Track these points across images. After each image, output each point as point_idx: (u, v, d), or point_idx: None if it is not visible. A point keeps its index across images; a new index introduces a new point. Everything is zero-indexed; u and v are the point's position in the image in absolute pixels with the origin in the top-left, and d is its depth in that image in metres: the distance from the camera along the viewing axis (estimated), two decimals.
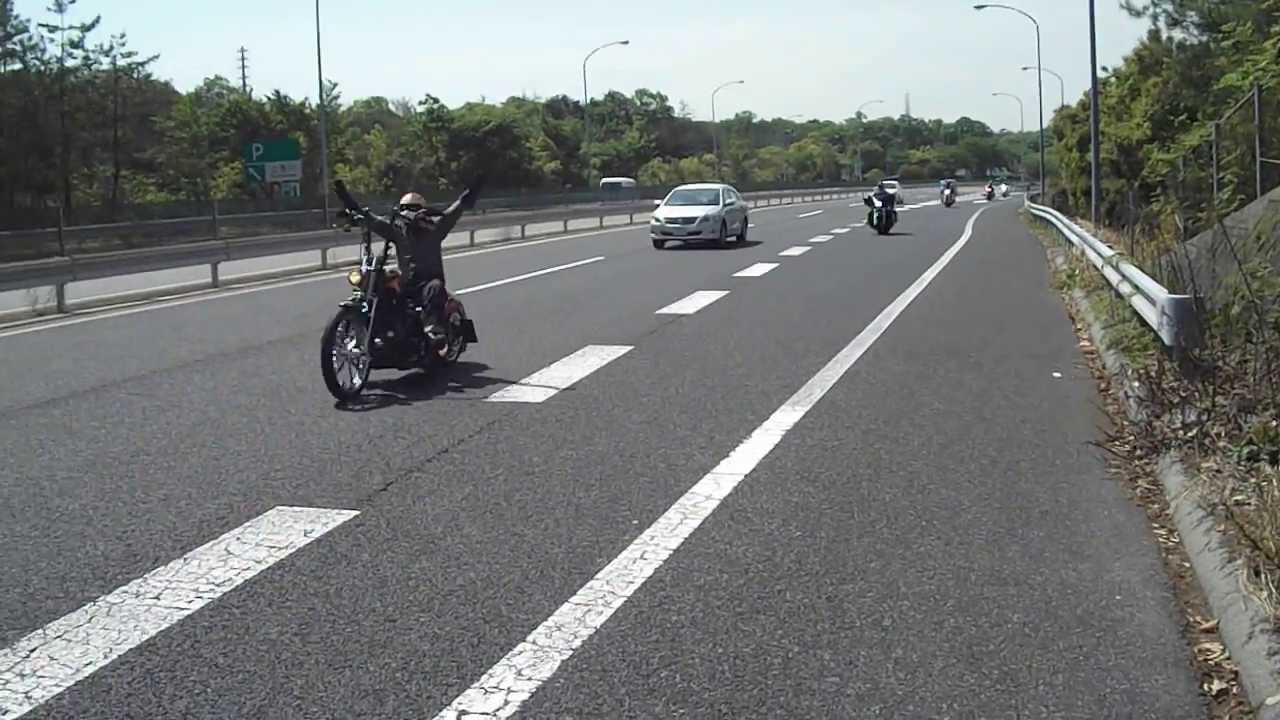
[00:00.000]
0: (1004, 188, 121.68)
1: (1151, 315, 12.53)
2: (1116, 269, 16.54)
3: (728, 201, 41.61)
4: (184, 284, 27.01)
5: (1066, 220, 36.64)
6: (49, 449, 10.63)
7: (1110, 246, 20.90)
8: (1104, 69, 47.68)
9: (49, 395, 13.45)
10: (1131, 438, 9.70)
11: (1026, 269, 28.83)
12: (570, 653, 5.63)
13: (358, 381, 12.50)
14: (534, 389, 12.66)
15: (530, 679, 5.35)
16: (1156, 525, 7.58)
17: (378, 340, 12.82)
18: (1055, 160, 78.36)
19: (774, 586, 6.46)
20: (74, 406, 12.70)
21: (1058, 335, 16.63)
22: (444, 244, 14.87)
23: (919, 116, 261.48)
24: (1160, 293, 12.09)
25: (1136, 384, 10.95)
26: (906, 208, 60.98)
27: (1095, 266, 20.38)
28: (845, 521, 7.63)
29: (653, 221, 40.66)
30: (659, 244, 39.26)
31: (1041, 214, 49.01)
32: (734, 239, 41.00)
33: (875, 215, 46.68)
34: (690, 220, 39.33)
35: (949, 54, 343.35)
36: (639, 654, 5.60)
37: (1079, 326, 17.33)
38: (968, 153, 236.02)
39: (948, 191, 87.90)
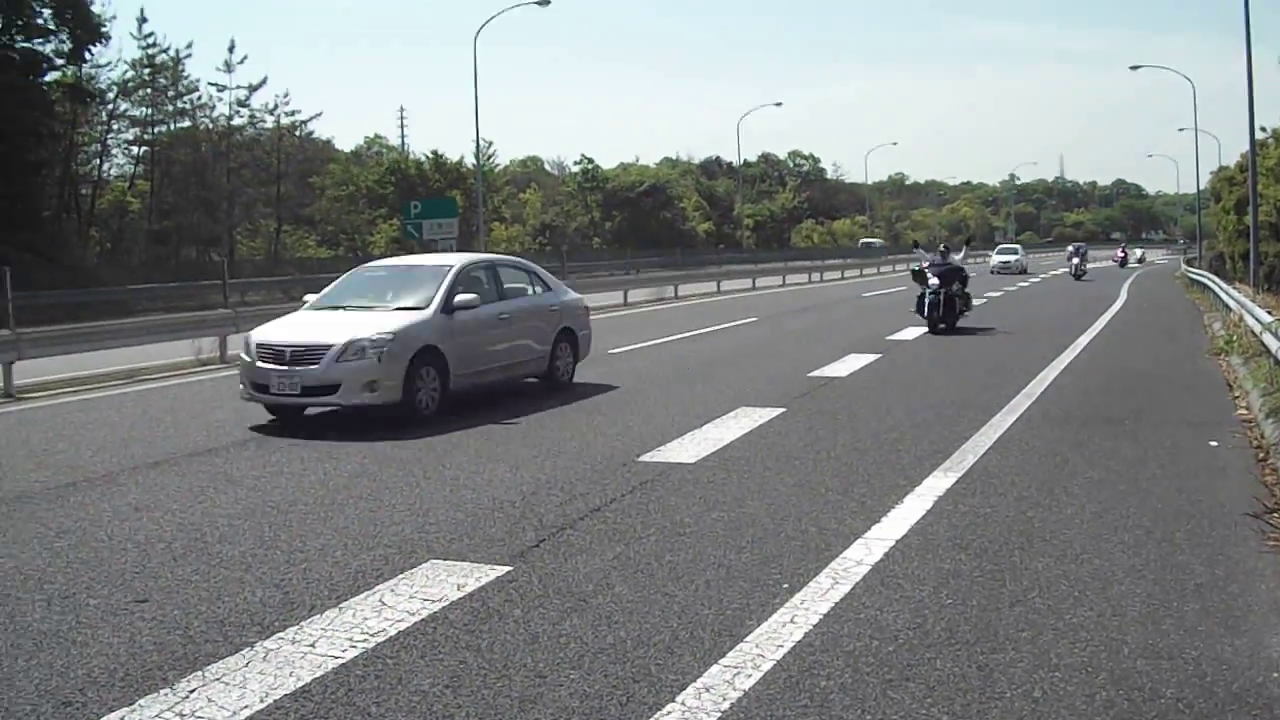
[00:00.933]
0: (1139, 252, 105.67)
1: None
2: (1276, 335, 16.27)
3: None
4: None
5: (1224, 284, 36.04)
6: (210, 496, 10.93)
7: (1269, 312, 20.52)
8: (1262, 129, 46.90)
9: (211, 444, 13.81)
10: None
11: (1183, 334, 28.37)
12: (719, 715, 5.65)
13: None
14: (686, 449, 12.73)
15: None
16: None
17: None
18: (1212, 223, 77.26)
19: (924, 654, 6.44)
20: (234, 455, 13.04)
21: (1214, 403, 16.34)
22: (594, 303, 14.86)
23: (1073, 178, 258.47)
24: None
25: None
26: (1027, 282, 59.34)
27: (1254, 332, 20.01)
28: (997, 590, 7.58)
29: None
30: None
31: (1198, 278, 48.28)
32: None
33: (926, 300, 28.22)
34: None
35: (1103, 115, 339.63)
36: (787, 719, 5.62)
37: (1236, 394, 16.99)
38: (1123, 215, 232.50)
39: (1076, 260, 66.76)
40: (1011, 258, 77.91)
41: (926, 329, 27.61)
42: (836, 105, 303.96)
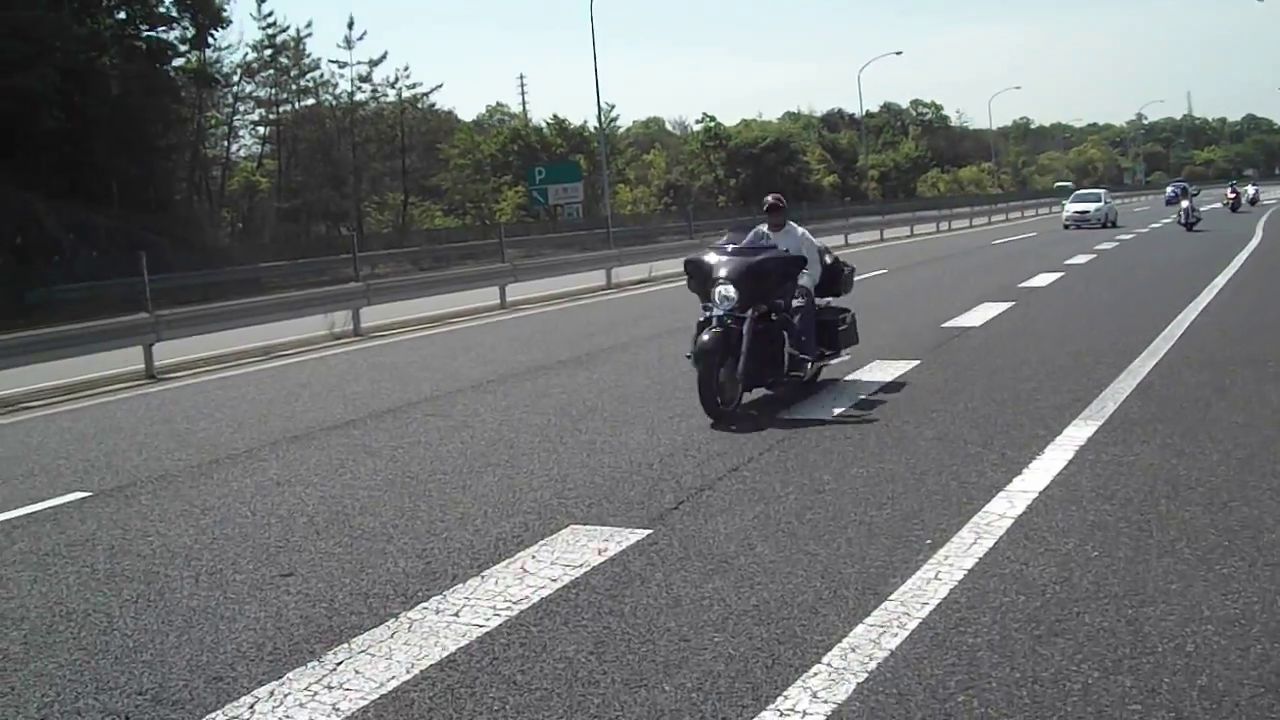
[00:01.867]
0: (1251, 190, 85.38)
1: None
2: None
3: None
4: (473, 306, 27.71)
5: None
6: (350, 468, 11.05)
7: None
8: None
9: (349, 416, 13.96)
10: None
11: None
12: (865, 675, 5.60)
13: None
14: (822, 406, 12.69)
15: (826, 702, 5.34)
16: None
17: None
18: None
19: (1072, 609, 6.34)
20: (372, 427, 13.17)
21: None
22: None
23: (1202, 116, 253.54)
24: None
25: None
26: (1112, 242, 57.48)
27: None
28: (1143, 541, 7.44)
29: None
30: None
31: None
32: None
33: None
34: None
35: (1231, 50, 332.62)
36: (935, 678, 5.55)
37: None
38: (1255, 151, 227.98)
39: (1186, 203, 52.49)
40: (1091, 206, 62.52)
41: (1058, 275, 27.42)
42: (957, 51, 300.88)
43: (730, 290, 12.28)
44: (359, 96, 73.99)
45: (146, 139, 52.25)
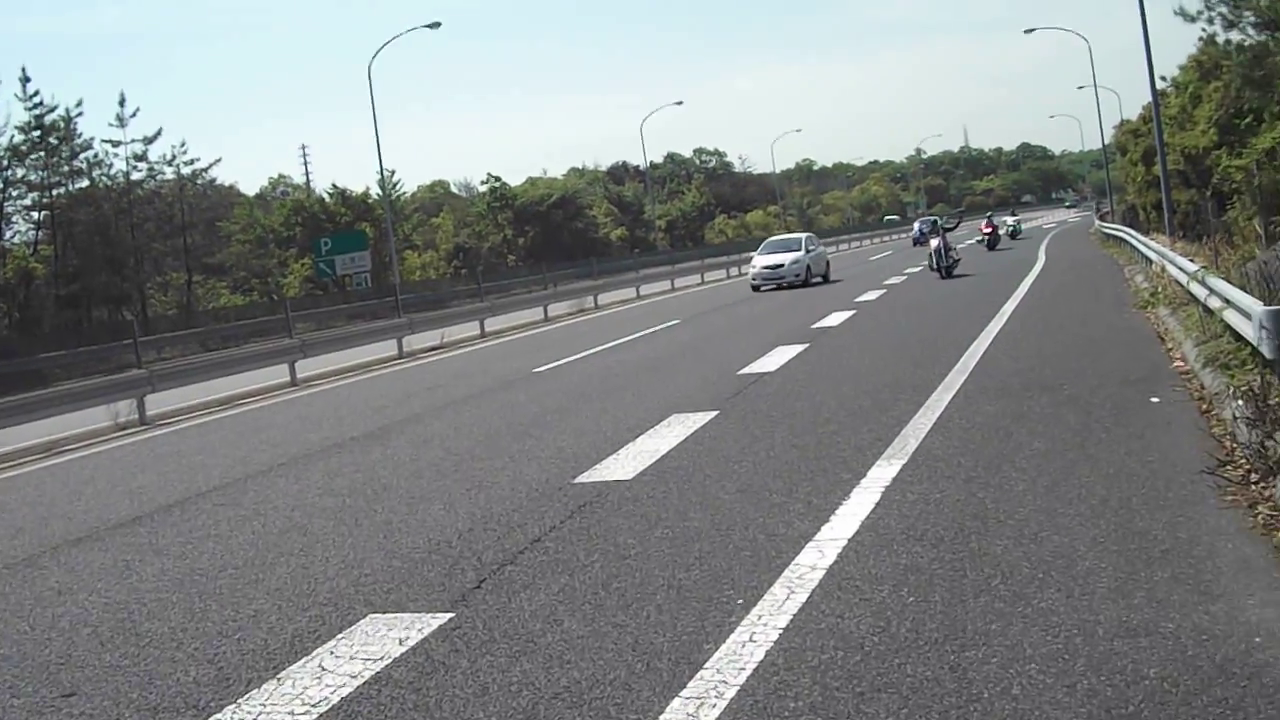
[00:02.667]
0: (1010, 221, 76.87)
1: (1248, 329, 12.14)
2: (1203, 283, 16.17)
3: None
4: (263, 385, 27.10)
5: (1141, 237, 36.13)
6: (136, 569, 10.50)
7: (1191, 259, 20.47)
8: (1162, 78, 47.14)
9: (134, 512, 13.37)
10: (1244, 461, 9.35)
11: (1106, 291, 28.40)
12: None
13: None
14: (622, 465, 12.39)
15: None
16: None
17: None
18: (1120, 176, 77.73)
19: (893, 660, 6.13)
20: (159, 522, 12.61)
21: (1149, 357, 16.29)
22: (513, 323, 14.54)
23: (978, 146, 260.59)
24: (1255, 305, 11.72)
25: (1241, 403, 10.57)
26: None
27: (1178, 282, 19.94)
28: (958, 581, 7.29)
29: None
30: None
31: (1114, 232, 48.43)
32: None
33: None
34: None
35: (1003, 81, 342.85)
36: None
37: (1169, 346, 16.96)
38: (1031, 177, 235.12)
39: (937, 241, 42.18)
40: (787, 258, 46.80)
41: (849, 314, 27.77)
42: (737, 98, 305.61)
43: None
44: (135, 175, 72.55)
45: None
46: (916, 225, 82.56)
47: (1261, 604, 6.42)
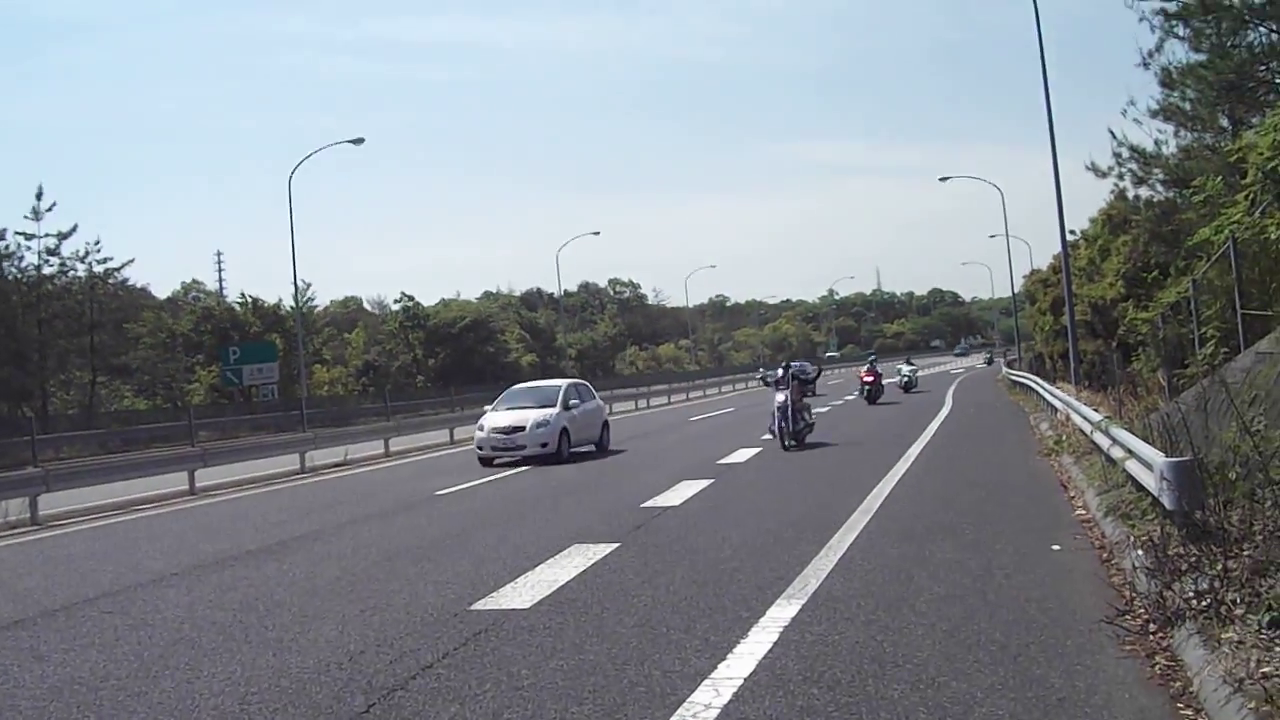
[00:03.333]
0: (905, 369, 67.25)
1: (1149, 480, 12.26)
2: (1106, 433, 16.35)
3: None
4: (161, 492, 26.66)
5: (1047, 385, 36.55)
6: (13, 675, 10.20)
7: (1095, 409, 20.70)
8: (1072, 231, 48.03)
9: (16, 615, 13.05)
10: (1143, 610, 9.45)
11: (1011, 437, 28.65)
12: None
13: None
14: (520, 594, 12.22)
15: None
16: (1182, 706, 7.28)
17: None
18: (1029, 325, 78.81)
19: None
20: (42, 627, 12.30)
21: (1051, 505, 16.45)
22: (418, 444, 14.16)
23: (891, 290, 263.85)
24: (1157, 456, 11.86)
25: (1141, 553, 10.67)
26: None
27: (1083, 431, 20.13)
28: None
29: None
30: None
31: (1021, 380, 48.98)
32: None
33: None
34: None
35: (917, 226, 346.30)
36: None
37: (1072, 494, 17.12)
38: (941, 322, 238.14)
39: (782, 398, 30.16)
40: (532, 416, 30.66)
41: (755, 451, 27.78)
42: (655, 231, 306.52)
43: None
44: (46, 270, 71.84)
45: None
46: (761, 371, 71.40)
47: None
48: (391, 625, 11.09)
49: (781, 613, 10.51)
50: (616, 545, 14.99)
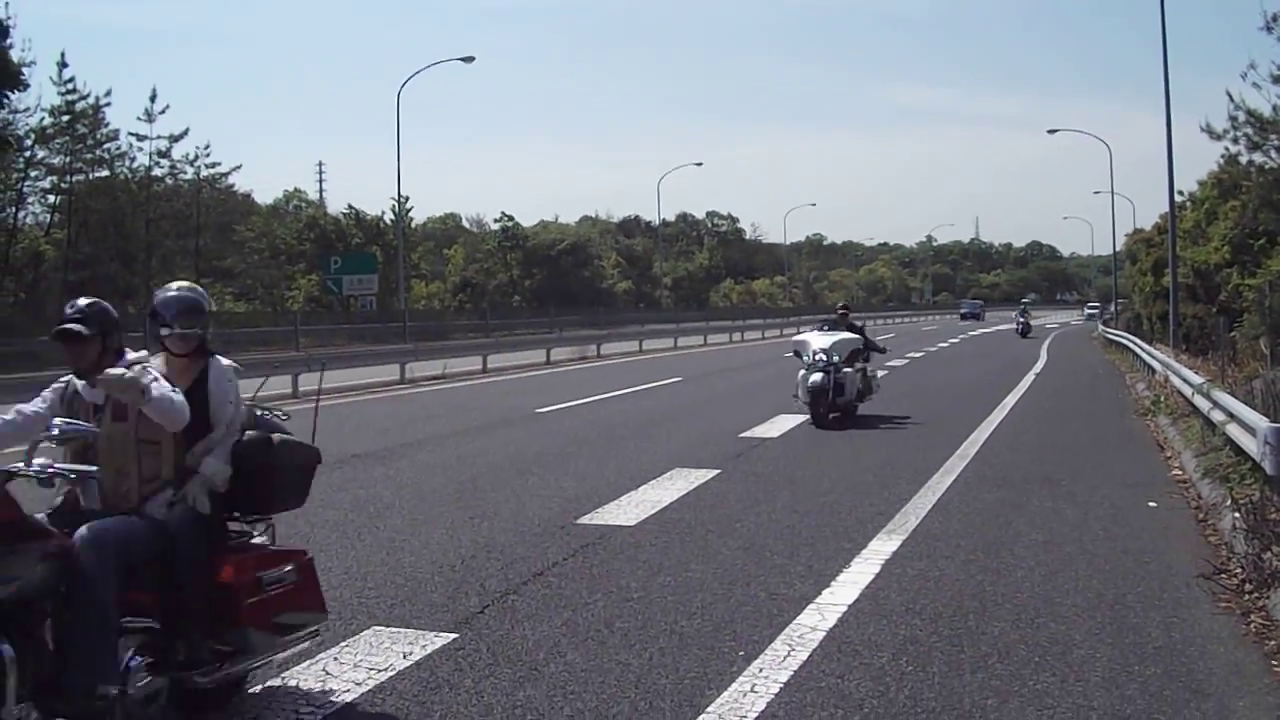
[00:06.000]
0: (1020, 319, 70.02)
1: (1250, 445, 12.28)
2: (1207, 396, 16.31)
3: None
4: (263, 394, 26.97)
5: (1145, 345, 36.27)
6: None
7: (1195, 373, 20.60)
8: (1180, 193, 47.30)
9: None
10: (1239, 570, 9.49)
11: (1107, 395, 28.53)
12: None
13: None
14: (624, 512, 12.53)
15: None
16: (1276, 664, 7.34)
17: None
18: (1127, 285, 77.86)
19: None
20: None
21: (1147, 463, 16.41)
22: (517, 362, 14.07)
23: (988, 240, 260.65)
24: (1261, 421, 11.84)
25: (1239, 515, 10.72)
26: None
27: (1181, 394, 20.08)
28: (956, 656, 7.43)
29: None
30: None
31: (1118, 339, 48.62)
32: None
33: None
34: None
35: (1019, 177, 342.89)
36: None
37: (1168, 454, 17.08)
38: (1037, 276, 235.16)
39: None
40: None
41: (881, 374, 27.84)
42: (755, 166, 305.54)
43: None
44: (156, 172, 72.61)
45: None
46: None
47: (1251, 706, 6.56)
48: (500, 533, 11.40)
49: (883, 546, 10.73)
50: (717, 471, 15.23)
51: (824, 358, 21.75)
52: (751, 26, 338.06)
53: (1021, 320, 64.43)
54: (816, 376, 21.46)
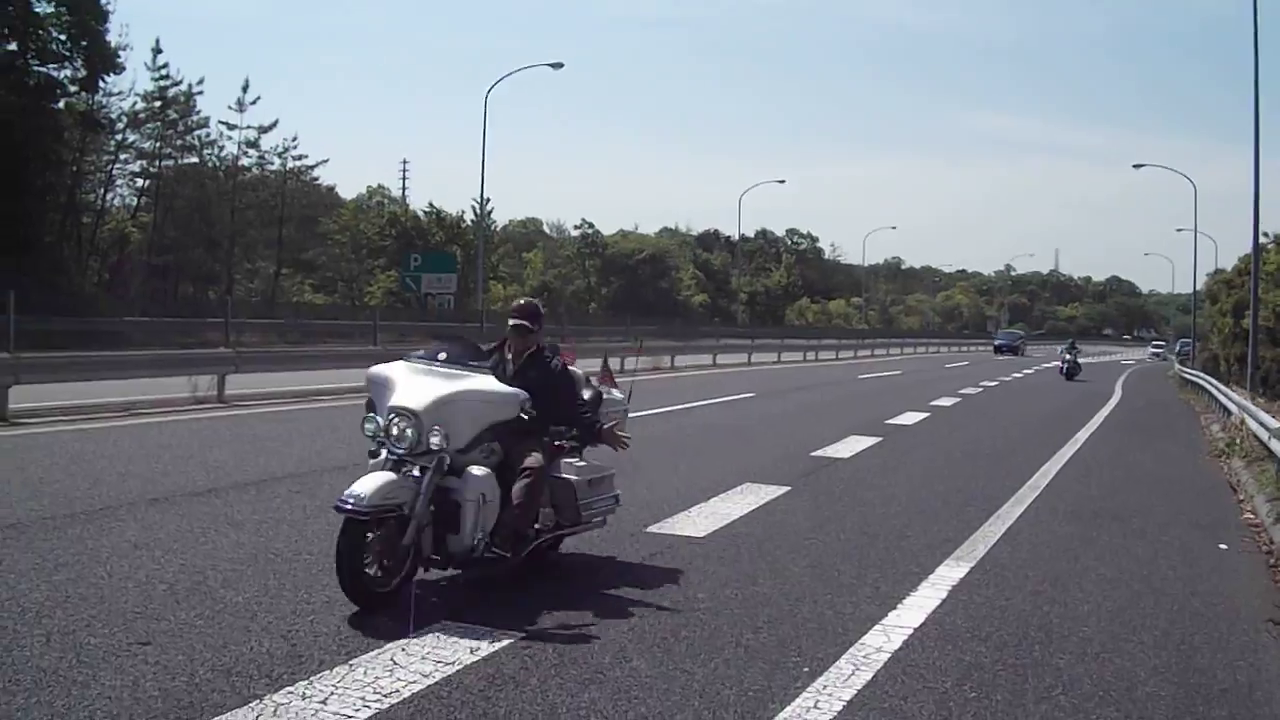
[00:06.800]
0: (1067, 356, 57.10)
1: None
2: None
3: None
4: (340, 386, 27.31)
5: (1222, 387, 36.00)
6: (211, 538, 10.77)
7: (1273, 416, 20.44)
8: (1264, 234, 46.92)
9: (211, 484, 13.68)
10: None
11: (1181, 434, 28.37)
12: None
13: None
14: (694, 522, 12.61)
15: None
16: None
17: None
18: (1206, 325, 77.34)
19: None
20: (235, 498, 12.89)
21: (1219, 505, 16.31)
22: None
23: (1067, 273, 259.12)
24: None
25: None
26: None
27: (1257, 437, 19.95)
28: (1020, 685, 7.45)
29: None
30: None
31: (1194, 379, 48.28)
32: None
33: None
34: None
35: (1101, 211, 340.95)
36: None
37: (1241, 498, 16.97)
38: (1115, 311, 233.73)
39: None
40: None
41: (924, 415, 27.99)
42: (838, 187, 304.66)
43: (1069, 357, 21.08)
44: (244, 161, 73.62)
45: (25, 177, 51.29)
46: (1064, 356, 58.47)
47: None
48: (570, 537, 11.44)
49: (950, 573, 10.73)
50: (787, 489, 15.27)
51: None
52: (840, 47, 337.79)
53: (1068, 358, 56.43)
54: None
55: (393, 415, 8.96)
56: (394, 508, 8.69)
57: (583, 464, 10.85)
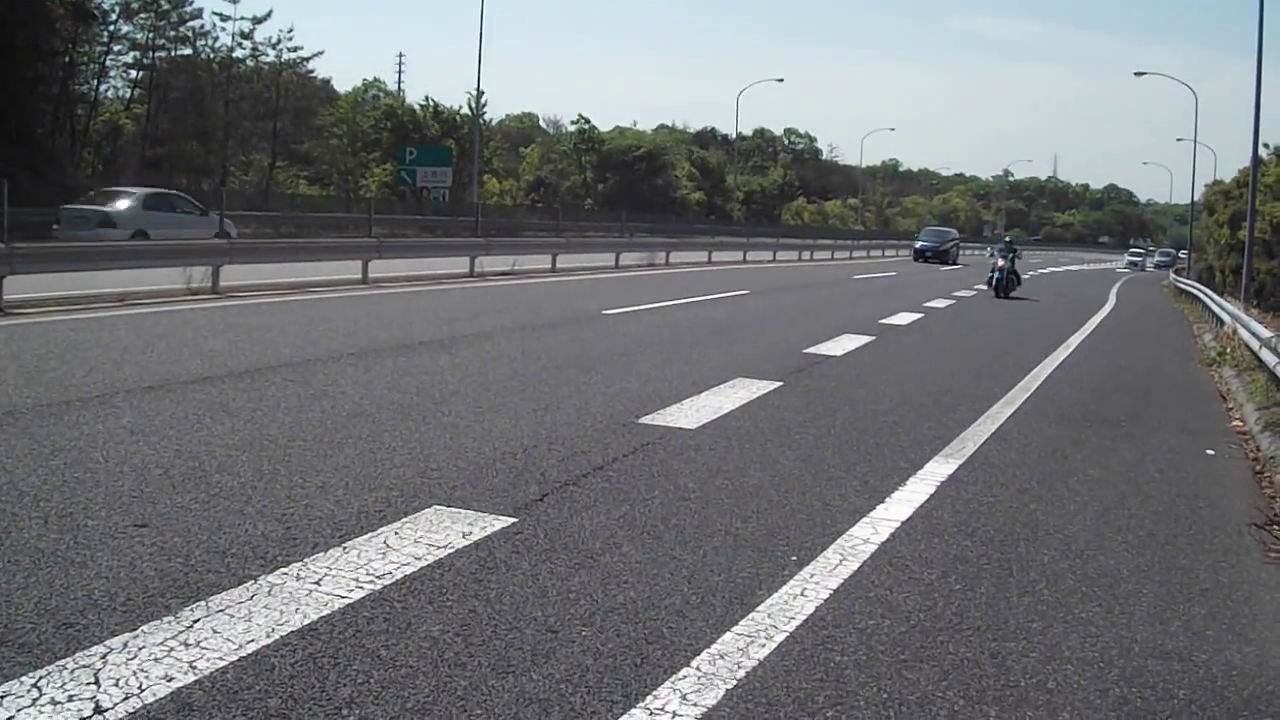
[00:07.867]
0: (1000, 261, 42.17)
1: None
2: (1275, 350, 16.25)
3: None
4: (334, 278, 27.37)
5: (1215, 297, 36.03)
6: (206, 425, 10.80)
7: (1265, 327, 20.48)
8: (1264, 145, 46.75)
9: (205, 373, 13.69)
10: None
11: (1173, 342, 28.42)
12: (734, 682, 5.59)
13: None
14: (686, 414, 12.65)
15: (695, 705, 5.31)
16: None
17: None
18: (1203, 236, 77.15)
19: (936, 637, 6.39)
20: (230, 386, 12.91)
21: (1208, 412, 16.36)
22: (585, 264, 14.26)
23: (1066, 179, 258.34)
24: None
25: None
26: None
27: (1248, 346, 19.99)
28: (1004, 579, 7.54)
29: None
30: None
31: (1188, 288, 48.32)
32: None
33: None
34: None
35: (1102, 119, 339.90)
36: (803, 691, 5.55)
37: (1230, 406, 17.01)
38: (1112, 220, 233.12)
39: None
40: None
41: (917, 316, 28.00)
42: (836, 88, 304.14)
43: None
44: (238, 53, 73.15)
45: (15, 68, 50.90)
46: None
47: None
48: (562, 426, 11.55)
49: (939, 469, 10.80)
50: (779, 384, 15.33)
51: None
52: None
53: (1000, 264, 41.86)
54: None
55: None
56: None
57: None
